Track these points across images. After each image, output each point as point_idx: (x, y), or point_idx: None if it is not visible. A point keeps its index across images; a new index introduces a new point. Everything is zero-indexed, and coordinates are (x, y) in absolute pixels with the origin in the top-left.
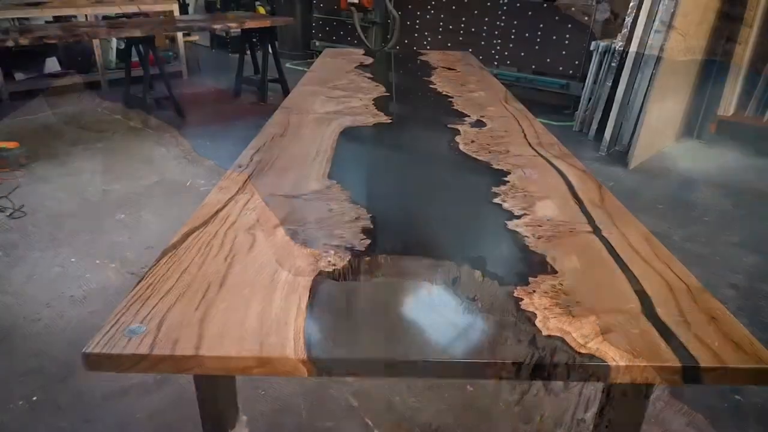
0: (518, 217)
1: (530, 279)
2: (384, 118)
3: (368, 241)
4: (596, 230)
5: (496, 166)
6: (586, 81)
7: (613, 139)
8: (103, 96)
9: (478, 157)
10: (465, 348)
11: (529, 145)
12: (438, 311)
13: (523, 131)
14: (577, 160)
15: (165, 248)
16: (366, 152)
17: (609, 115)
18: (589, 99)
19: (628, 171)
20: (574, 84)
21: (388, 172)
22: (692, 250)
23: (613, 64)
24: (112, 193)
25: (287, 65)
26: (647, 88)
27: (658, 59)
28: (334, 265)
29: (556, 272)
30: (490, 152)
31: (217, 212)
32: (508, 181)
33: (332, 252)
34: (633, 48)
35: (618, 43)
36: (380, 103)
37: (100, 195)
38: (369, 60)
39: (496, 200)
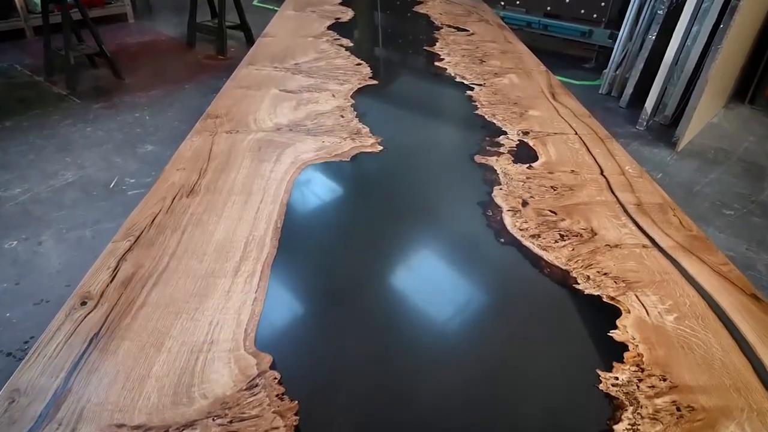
0: None
1: None
2: (369, 142)
3: None
4: None
5: (585, 287)
6: (620, 32)
7: (653, 109)
8: (26, 49)
9: (547, 257)
10: None
11: (625, 211)
12: None
13: (601, 171)
14: (735, 269)
15: None
16: (339, 242)
17: (651, 78)
18: (623, 54)
19: (676, 154)
20: (599, 31)
21: (383, 319)
22: None
23: (659, 12)
24: (8, 203)
25: (254, 3)
26: (710, 45)
27: (728, 6)
28: None
29: None
30: (562, 236)
31: None
32: (626, 346)
33: None
34: None
35: None
36: (363, 104)
37: None
38: (348, 13)
39: (622, 429)
